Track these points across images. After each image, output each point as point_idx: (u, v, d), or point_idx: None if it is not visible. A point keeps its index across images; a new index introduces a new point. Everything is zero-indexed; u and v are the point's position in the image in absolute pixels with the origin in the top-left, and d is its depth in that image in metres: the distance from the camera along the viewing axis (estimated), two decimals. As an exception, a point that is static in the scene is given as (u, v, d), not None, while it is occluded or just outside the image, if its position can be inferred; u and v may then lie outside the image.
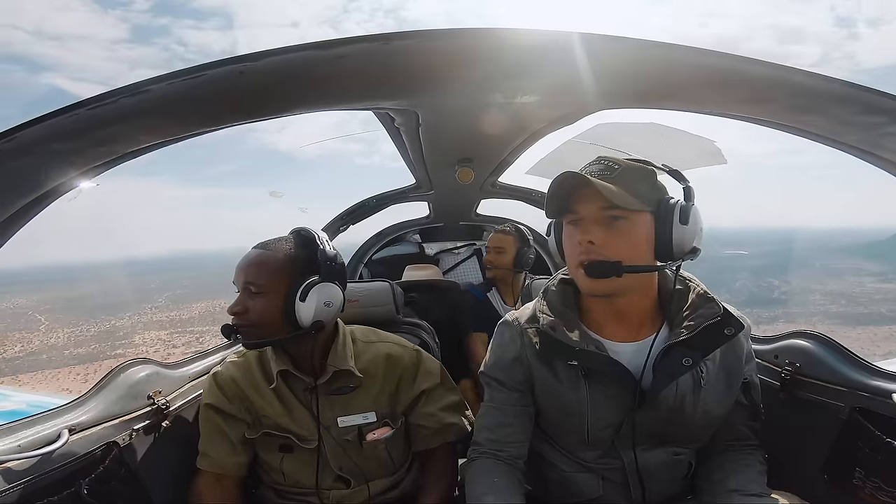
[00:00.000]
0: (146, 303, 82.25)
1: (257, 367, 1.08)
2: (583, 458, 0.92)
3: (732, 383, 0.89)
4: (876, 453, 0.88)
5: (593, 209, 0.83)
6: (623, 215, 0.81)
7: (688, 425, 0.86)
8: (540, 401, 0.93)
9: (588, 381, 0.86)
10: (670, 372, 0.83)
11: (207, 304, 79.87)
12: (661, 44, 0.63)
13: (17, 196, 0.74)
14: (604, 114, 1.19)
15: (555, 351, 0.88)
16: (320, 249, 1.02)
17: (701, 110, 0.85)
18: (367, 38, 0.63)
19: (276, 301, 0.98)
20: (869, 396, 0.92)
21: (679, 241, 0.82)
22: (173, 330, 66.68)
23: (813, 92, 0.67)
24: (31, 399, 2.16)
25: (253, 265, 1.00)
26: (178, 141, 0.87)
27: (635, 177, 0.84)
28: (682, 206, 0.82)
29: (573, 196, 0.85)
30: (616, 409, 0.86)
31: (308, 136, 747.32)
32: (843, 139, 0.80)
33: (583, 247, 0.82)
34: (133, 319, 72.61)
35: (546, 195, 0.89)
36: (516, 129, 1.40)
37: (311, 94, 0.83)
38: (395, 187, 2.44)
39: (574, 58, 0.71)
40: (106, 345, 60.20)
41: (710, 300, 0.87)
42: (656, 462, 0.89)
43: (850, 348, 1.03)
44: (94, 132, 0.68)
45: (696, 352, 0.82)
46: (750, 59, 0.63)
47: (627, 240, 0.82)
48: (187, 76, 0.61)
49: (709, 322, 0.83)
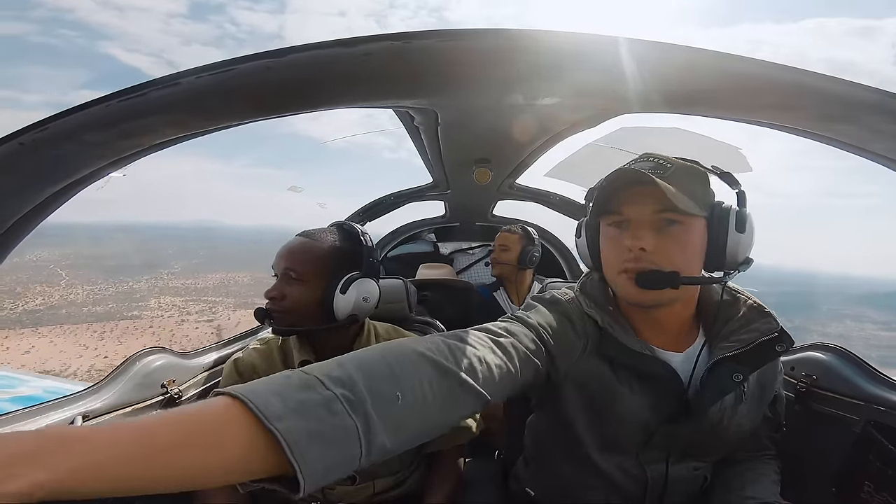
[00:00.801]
0: (162, 268, 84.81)
1: (279, 355, 1.09)
2: (599, 463, 0.86)
3: (765, 398, 0.86)
4: (887, 467, 0.86)
5: (646, 211, 0.75)
6: (678, 219, 0.74)
7: (720, 439, 0.83)
8: (573, 393, 0.83)
9: (639, 384, 0.80)
10: (721, 387, 0.78)
11: (222, 275, 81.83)
12: (688, 48, 0.62)
13: (48, 184, 0.76)
14: (625, 117, 1.18)
15: (615, 349, 0.80)
16: (364, 245, 1.04)
17: (728, 116, 0.84)
18: (390, 37, 0.63)
19: (314, 290, 0.99)
20: (885, 410, 0.91)
21: (733, 251, 0.77)
22: (188, 297, 69.01)
23: (844, 99, 0.65)
24: (48, 385, 2.23)
25: (297, 252, 1.01)
26: (202, 135, 0.89)
27: (689, 177, 0.77)
28: (739, 213, 0.77)
29: (621, 195, 0.77)
30: (655, 418, 0.81)
31: (336, 127, 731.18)
32: (872, 148, 0.77)
33: (633, 253, 0.75)
34: (150, 283, 75.08)
35: (592, 191, 0.84)
36: (536, 131, 1.39)
37: (333, 91, 0.84)
38: (415, 185, 2.45)
39: (598, 61, 0.70)
40: (123, 305, 62.58)
41: (767, 314, 0.81)
42: (677, 476, 0.85)
43: (869, 362, 1.00)
44: (125, 124, 0.70)
45: (745, 367, 0.78)
46: (779, 64, 0.61)
47: (681, 247, 0.75)
48: (216, 70, 0.62)
49: (765, 338, 0.78)
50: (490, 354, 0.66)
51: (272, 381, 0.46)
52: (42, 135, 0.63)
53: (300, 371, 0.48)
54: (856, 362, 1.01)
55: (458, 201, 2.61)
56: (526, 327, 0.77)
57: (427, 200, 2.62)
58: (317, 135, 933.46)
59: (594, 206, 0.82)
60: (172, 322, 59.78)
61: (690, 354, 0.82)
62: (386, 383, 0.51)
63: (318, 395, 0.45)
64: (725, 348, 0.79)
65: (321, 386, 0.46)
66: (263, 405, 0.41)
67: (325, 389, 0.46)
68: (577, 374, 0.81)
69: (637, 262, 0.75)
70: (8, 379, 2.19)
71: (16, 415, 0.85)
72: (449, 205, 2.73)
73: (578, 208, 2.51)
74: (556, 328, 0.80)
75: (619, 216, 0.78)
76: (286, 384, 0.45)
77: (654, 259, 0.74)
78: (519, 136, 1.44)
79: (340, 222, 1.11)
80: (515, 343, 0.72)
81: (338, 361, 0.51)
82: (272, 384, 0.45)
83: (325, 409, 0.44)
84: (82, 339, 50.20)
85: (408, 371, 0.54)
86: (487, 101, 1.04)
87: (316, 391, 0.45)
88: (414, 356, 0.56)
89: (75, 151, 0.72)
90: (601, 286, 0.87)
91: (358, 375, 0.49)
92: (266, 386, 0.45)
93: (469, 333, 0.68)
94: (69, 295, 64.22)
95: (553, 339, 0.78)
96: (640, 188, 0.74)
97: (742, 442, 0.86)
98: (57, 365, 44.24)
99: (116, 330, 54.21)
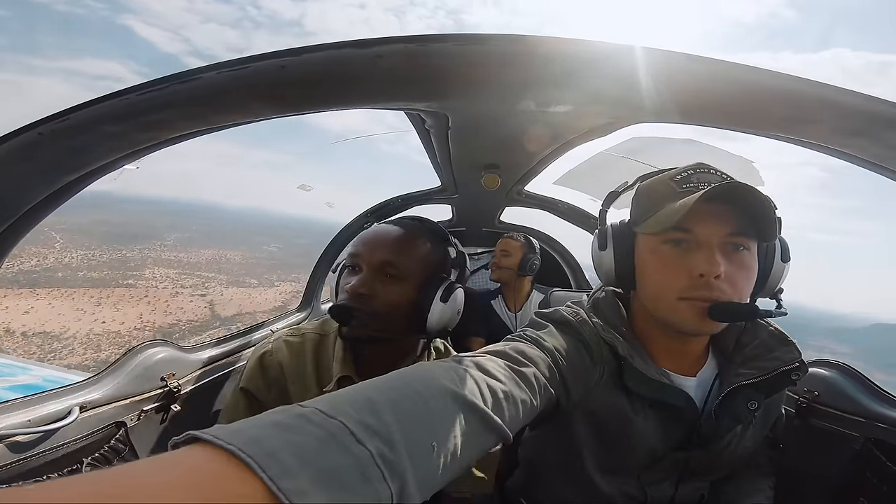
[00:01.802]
0: (155, 239, 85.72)
1: (312, 360, 0.93)
2: (599, 485, 0.82)
3: (769, 420, 0.85)
4: (882, 483, 0.86)
5: (721, 233, 0.69)
6: (746, 244, 0.69)
7: (724, 463, 0.81)
8: (581, 420, 0.78)
9: (652, 412, 0.77)
10: (736, 415, 0.75)
11: (214, 251, 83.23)
12: (703, 58, 0.62)
13: (63, 173, 0.78)
14: (637, 127, 1.17)
15: (634, 379, 0.74)
16: (456, 249, 0.93)
17: (744, 129, 0.83)
18: (404, 39, 0.63)
19: (410, 293, 0.85)
20: (886, 428, 0.90)
21: (775, 279, 0.75)
22: (181, 270, 69.82)
23: (862, 114, 0.64)
24: (48, 374, 2.26)
25: (397, 244, 0.86)
26: (215, 130, 0.90)
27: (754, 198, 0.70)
28: (783, 241, 0.74)
29: (694, 211, 0.68)
30: (665, 444, 0.78)
31: (342, 121, 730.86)
32: (889, 165, 0.76)
33: (704, 279, 0.68)
34: (143, 253, 75.93)
35: (613, 195, 0.80)
36: (547, 139, 1.39)
37: (346, 92, 0.85)
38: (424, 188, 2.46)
39: (612, 69, 0.70)
40: (118, 273, 63.41)
41: (789, 343, 0.78)
42: (677, 496, 0.83)
43: (872, 379, 1.00)
44: (143, 117, 0.71)
45: (759, 394, 0.75)
46: (797, 77, 0.61)
47: (747, 275, 0.70)
48: (234, 67, 0.63)
49: (786, 367, 0.75)
50: (516, 389, 0.60)
51: (284, 426, 0.34)
52: (61, 125, 0.65)
53: (321, 412, 0.37)
54: (860, 380, 1.01)
55: (466, 206, 2.61)
56: (542, 351, 0.72)
57: (435, 204, 2.63)
58: (324, 125, 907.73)
59: (643, 219, 0.74)
60: (167, 293, 60.14)
61: (703, 379, 0.79)
62: (423, 431, 0.42)
63: (351, 456, 0.34)
64: (744, 375, 0.75)
65: (352, 440, 0.35)
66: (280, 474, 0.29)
67: (358, 445, 0.35)
68: (590, 402, 0.76)
69: (710, 292, 0.68)
70: (9, 367, 2.22)
71: (14, 403, 0.86)
72: (456, 209, 2.73)
73: (586, 217, 2.50)
74: (571, 355, 0.74)
75: (687, 234, 0.70)
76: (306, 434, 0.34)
77: (726, 288, 0.68)
78: (530, 143, 1.43)
79: (418, 217, 0.97)
80: (536, 374, 0.66)
81: (369, 402, 0.40)
82: (287, 435, 0.33)
83: (358, 475, 0.34)
84: (79, 304, 50.66)
85: (441, 411, 0.46)
86: (499, 106, 1.04)
87: (347, 448, 0.34)
88: (446, 392, 0.49)
89: (92, 143, 0.73)
90: (615, 306, 0.81)
91: (392, 419, 0.39)
92: (279, 436, 0.33)
93: (490, 363, 0.61)
94: (63, 258, 65.11)
95: (568, 366, 0.73)
96: (715, 206, 0.68)
97: (744, 462, 0.85)
98: (56, 327, 44.78)
99: (113, 297, 54.55)
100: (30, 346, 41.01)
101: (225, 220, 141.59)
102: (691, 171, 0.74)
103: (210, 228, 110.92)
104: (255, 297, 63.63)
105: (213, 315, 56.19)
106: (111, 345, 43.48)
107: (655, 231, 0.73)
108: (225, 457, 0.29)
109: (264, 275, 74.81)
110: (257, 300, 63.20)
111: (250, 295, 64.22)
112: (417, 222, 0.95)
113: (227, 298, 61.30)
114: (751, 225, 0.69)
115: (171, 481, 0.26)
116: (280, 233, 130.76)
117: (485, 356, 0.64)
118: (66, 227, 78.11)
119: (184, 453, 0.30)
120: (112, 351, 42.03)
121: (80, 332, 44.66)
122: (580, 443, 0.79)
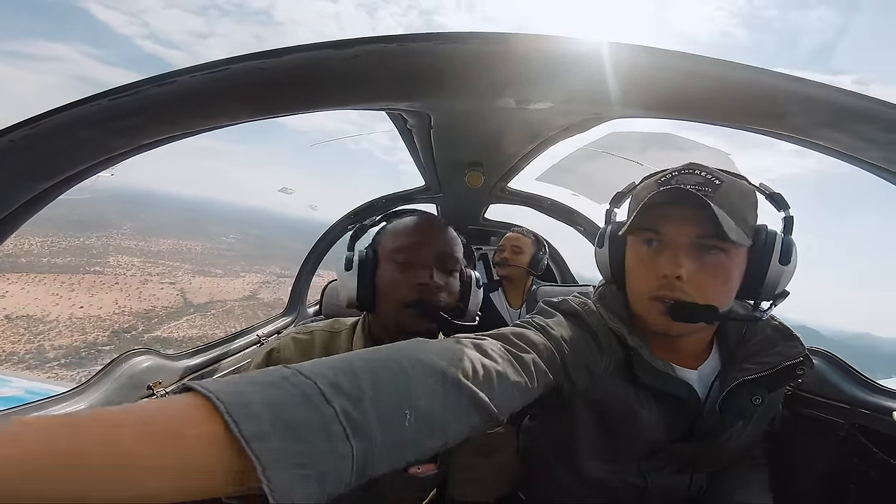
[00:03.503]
0: (111, 228, 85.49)
1: (321, 354, 0.94)
2: (598, 473, 0.83)
3: (769, 415, 0.86)
4: (870, 469, 0.88)
5: (686, 234, 0.69)
6: (721, 246, 0.68)
7: (724, 455, 0.81)
8: (583, 408, 0.79)
9: (655, 403, 0.77)
10: (740, 409, 0.75)
11: (174, 241, 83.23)
12: (679, 53, 0.63)
13: (37, 181, 0.75)
14: (617, 122, 1.19)
15: (642, 369, 0.74)
16: (467, 243, 0.98)
17: (719, 122, 0.85)
18: (383, 39, 0.63)
19: (458, 283, 0.93)
20: (869, 414, 0.92)
21: (773, 283, 0.72)
22: (145, 259, 70.62)
23: (834, 107, 0.66)
24: (30, 386, 2.20)
25: (453, 241, 0.93)
26: (193, 134, 0.88)
27: (741, 197, 0.70)
28: (785, 242, 0.71)
29: (660, 212, 0.70)
30: (665, 436, 0.78)
31: (323, 126, 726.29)
32: (863, 156, 0.78)
33: (668, 280, 0.69)
34: (102, 241, 75.75)
35: (619, 197, 0.80)
36: (528, 136, 1.40)
37: (327, 93, 0.84)
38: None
39: (590, 65, 0.71)
40: (82, 260, 63.38)
41: (794, 338, 0.78)
42: (675, 485, 0.84)
43: (854, 367, 1.03)
44: (118, 122, 0.69)
45: (763, 389, 0.75)
46: (771, 71, 0.62)
47: (721, 278, 0.70)
48: (211, 70, 0.62)
49: (791, 362, 0.75)
50: (510, 370, 0.60)
51: (265, 383, 0.38)
52: (34, 132, 0.63)
53: (300, 373, 0.40)
54: (843, 367, 1.03)
55: (450, 204, 2.61)
56: (548, 339, 0.72)
57: (419, 203, 2.62)
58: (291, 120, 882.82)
59: (635, 215, 0.74)
60: (136, 281, 60.96)
61: (704, 373, 0.79)
62: (398, 399, 0.43)
63: (317, 412, 0.37)
64: (747, 370, 0.76)
65: (321, 399, 0.38)
66: (243, 417, 0.33)
67: (326, 404, 0.38)
68: (595, 391, 0.76)
69: (672, 291, 0.69)
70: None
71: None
72: (441, 208, 2.74)
73: (569, 213, 2.53)
74: (578, 344, 0.75)
75: (655, 235, 0.72)
76: (281, 390, 0.37)
77: (690, 290, 0.69)
78: (511, 140, 1.44)
79: (428, 213, 1.02)
80: (536, 359, 0.66)
81: (350, 364, 0.43)
82: (265, 389, 0.37)
83: (320, 430, 0.36)
84: (52, 289, 51.22)
85: (422, 385, 0.46)
86: (480, 104, 1.04)
87: (315, 406, 0.37)
88: (430, 366, 0.49)
89: (67, 149, 0.71)
90: (622, 299, 0.81)
91: (367, 384, 0.41)
92: (254, 389, 0.36)
93: (488, 343, 0.62)
94: (22, 245, 64.51)
95: (574, 355, 0.73)
96: (685, 208, 0.68)
97: (741, 455, 0.87)
98: (37, 311, 45.43)
99: (83, 282, 55.06)
100: (17, 329, 41.13)
101: (175, 209, 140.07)
102: (676, 171, 0.75)
103: (163, 218, 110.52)
104: (223, 286, 64.50)
105: (187, 302, 56.81)
106: (95, 328, 43.95)
107: (630, 231, 0.76)
108: (202, 401, 0.34)
109: (227, 265, 75.45)
110: (226, 289, 63.79)
111: (218, 284, 65.08)
112: (430, 214, 0.99)
113: (196, 287, 62.12)
114: (744, 229, 0.69)
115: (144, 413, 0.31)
116: (234, 224, 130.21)
117: (484, 338, 0.64)
118: (13, 214, 77.35)
119: (172, 397, 0.35)
120: (98, 334, 42.78)
121: (62, 316, 44.92)
122: (580, 430, 0.80)
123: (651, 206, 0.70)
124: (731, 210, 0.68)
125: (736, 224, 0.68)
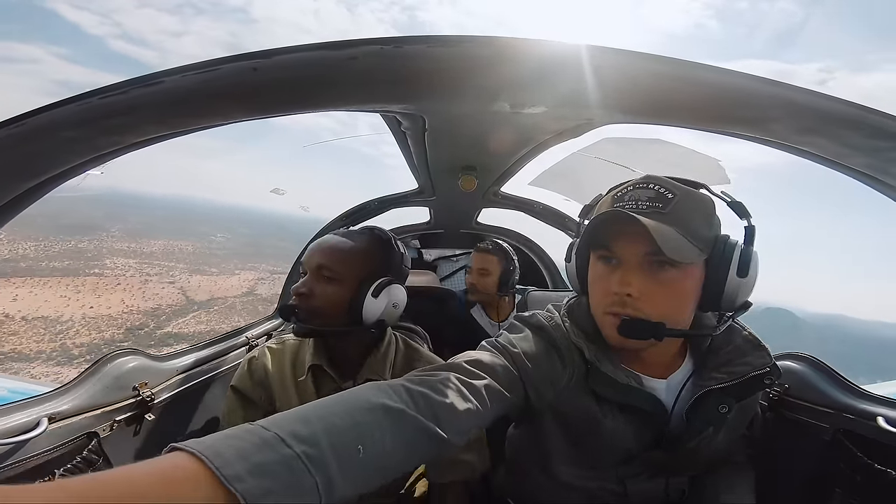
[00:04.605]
0: (101, 230, 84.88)
1: (290, 358, 1.07)
2: (578, 480, 0.85)
3: (745, 419, 0.87)
4: (855, 473, 0.89)
5: (636, 252, 0.70)
6: (672, 263, 0.69)
7: (699, 461, 0.82)
8: (552, 420, 0.81)
9: (622, 415, 0.78)
10: (707, 418, 0.76)
11: (165, 242, 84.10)
12: (670, 59, 0.63)
13: (22, 180, 0.74)
14: (610, 128, 1.20)
15: (600, 383, 0.76)
16: (396, 251, 1.04)
17: (708, 128, 0.86)
18: (379, 41, 0.63)
19: (345, 291, 0.97)
20: (854, 419, 0.93)
21: (731, 295, 0.71)
22: (140, 260, 70.58)
23: (819, 113, 0.67)
24: (13, 385, 2.15)
25: (334, 250, 0.99)
26: (185, 133, 0.87)
27: (693, 212, 0.70)
28: (743, 253, 0.70)
29: (612, 229, 0.71)
30: (636, 445, 0.79)
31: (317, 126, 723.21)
32: (847, 162, 0.80)
33: (618, 297, 0.70)
34: (95, 244, 75.32)
35: (587, 210, 0.82)
36: (521, 140, 1.40)
37: (321, 94, 0.84)
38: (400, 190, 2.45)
39: (583, 71, 0.71)
40: (80, 263, 63.20)
41: (762, 348, 0.78)
42: (655, 490, 0.85)
43: (839, 372, 1.03)
44: (104, 121, 0.68)
45: (731, 398, 0.76)
46: (759, 77, 0.63)
47: (673, 294, 0.70)
48: (201, 70, 0.61)
49: (757, 372, 0.76)
50: (459, 400, 0.63)
51: (233, 436, 0.45)
52: (17, 130, 0.61)
53: (261, 427, 0.47)
54: (827, 372, 1.04)
55: (443, 208, 2.61)
56: (507, 357, 0.76)
57: (412, 206, 2.62)
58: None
59: (584, 234, 0.76)
60: (137, 281, 61.47)
61: (674, 382, 0.80)
62: (349, 437, 0.50)
63: (279, 455, 0.44)
64: (715, 379, 0.77)
65: (282, 444, 0.45)
66: (223, 465, 0.40)
67: (286, 447, 0.45)
68: (560, 403, 0.78)
69: (623, 308, 0.70)
70: (-29, 380, 2.11)
71: None
72: (434, 211, 2.73)
73: (561, 217, 2.54)
74: (541, 358, 0.77)
75: (608, 252, 0.73)
76: (247, 442, 0.44)
77: (641, 306, 0.69)
78: (504, 145, 1.45)
79: (371, 226, 1.09)
80: (490, 384, 0.69)
81: (303, 417, 0.50)
82: (233, 442, 0.44)
83: (285, 468, 0.43)
84: (59, 291, 51.65)
85: (370, 422, 0.53)
86: (474, 108, 1.05)
87: (276, 450, 0.44)
88: (377, 407, 0.55)
89: (52, 148, 0.70)
90: (588, 311, 0.82)
91: (320, 429, 0.49)
92: (226, 443, 0.43)
93: (439, 377, 0.65)
94: (17, 249, 64.68)
95: (536, 368, 0.76)
96: (635, 226, 0.68)
97: (720, 459, 0.88)
98: (50, 312, 46.09)
99: (87, 284, 55.54)
100: (37, 329, 41.72)
101: (159, 209, 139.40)
102: (630, 187, 0.76)
103: (149, 218, 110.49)
104: (221, 284, 64.92)
105: (189, 300, 57.19)
106: (109, 326, 44.97)
107: (589, 247, 0.78)
108: (187, 456, 0.41)
109: (221, 263, 75.76)
110: (224, 286, 64.14)
111: (215, 282, 65.37)
112: (363, 230, 1.06)
113: (195, 285, 62.69)
114: (695, 244, 0.69)
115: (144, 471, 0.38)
116: (221, 223, 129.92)
117: (437, 373, 0.67)
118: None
119: (162, 457, 0.41)
120: (113, 332, 43.87)
121: (76, 316, 45.96)
122: (551, 441, 0.83)
123: (600, 223, 0.72)
124: (682, 225, 0.68)
125: (688, 238, 0.68)
